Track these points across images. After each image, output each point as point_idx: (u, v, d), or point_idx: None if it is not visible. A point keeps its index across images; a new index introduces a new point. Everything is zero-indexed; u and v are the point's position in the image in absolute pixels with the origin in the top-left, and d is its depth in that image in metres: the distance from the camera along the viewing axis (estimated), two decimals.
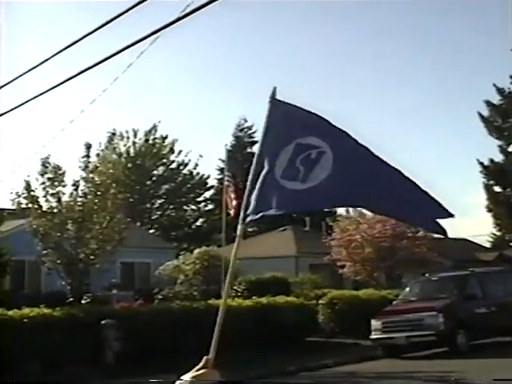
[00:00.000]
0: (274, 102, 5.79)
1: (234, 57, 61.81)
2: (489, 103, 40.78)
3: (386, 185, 5.35)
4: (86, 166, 19.21)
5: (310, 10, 53.46)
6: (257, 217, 5.67)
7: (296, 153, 5.50)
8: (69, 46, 8.12)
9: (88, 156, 19.56)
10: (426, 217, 5.34)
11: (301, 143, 5.54)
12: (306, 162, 5.46)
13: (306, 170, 5.42)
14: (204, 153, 46.68)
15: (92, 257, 17.82)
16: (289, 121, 5.72)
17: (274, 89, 5.91)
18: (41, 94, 9.09)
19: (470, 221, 56.61)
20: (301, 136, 5.56)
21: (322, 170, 5.37)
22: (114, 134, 46.02)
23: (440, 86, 59.29)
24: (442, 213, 5.69)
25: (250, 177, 5.60)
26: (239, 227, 5.59)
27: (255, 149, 5.70)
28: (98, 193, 18.22)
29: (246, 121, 49.76)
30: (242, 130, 49.85)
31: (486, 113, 40.68)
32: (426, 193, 5.41)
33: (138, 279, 28.62)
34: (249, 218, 5.45)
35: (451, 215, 4.82)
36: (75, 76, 8.42)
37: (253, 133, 48.94)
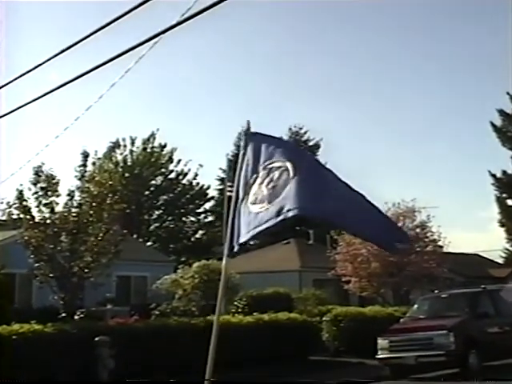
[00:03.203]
0: (249, 135, 6.06)
1: (236, 63, 62.03)
2: (502, 112, 40.64)
3: (351, 206, 5.64)
4: (82, 176, 19.21)
5: (316, 15, 53.73)
6: (235, 250, 5.96)
7: (263, 177, 5.77)
8: (64, 51, 8.12)
9: (85, 165, 19.56)
10: (385, 238, 5.58)
11: (267, 167, 5.84)
12: (269, 183, 5.73)
13: (269, 190, 5.69)
14: (204, 162, 46.68)
15: (86, 270, 17.78)
16: (259, 150, 5.98)
17: (248, 123, 6.16)
18: (34, 99, 9.09)
19: (482, 235, 56.59)
20: (266, 160, 5.88)
21: (283, 186, 5.60)
22: (115, 144, 46.06)
23: (451, 94, 59.39)
24: (402, 238, 5.92)
25: (230, 216, 5.85)
26: (224, 260, 5.90)
27: None
28: (94, 203, 18.21)
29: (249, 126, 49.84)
30: None
31: (498, 122, 40.57)
32: (388, 218, 5.72)
33: (134, 294, 28.57)
34: (224, 251, 5.68)
35: (408, 241, 5.38)
36: (71, 81, 8.42)
37: None
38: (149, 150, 46.82)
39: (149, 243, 44.50)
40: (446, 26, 54.66)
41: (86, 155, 19.86)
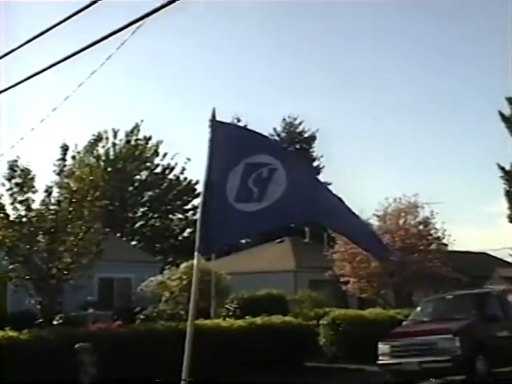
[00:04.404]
0: (215, 123, 5.96)
1: (227, 50, 61.91)
2: (511, 100, 40.58)
3: (337, 207, 5.65)
4: (61, 170, 19.08)
5: (305, 11, 53.75)
6: (217, 247, 5.93)
7: (246, 173, 5.74)
8: (36, 37, 8.00)
9: (64, 159, 19.44)
10: (373, 244, 5.70)
11: (250, 162, 5.77)
12: (258, 181, 5.68)
13: (260, 189, 5.64)
14: (192, 156, 46.36)
15: (65, 272, 17.65)
16: (232, 141, 5.94)
17: (213, 110, 6.02)
18: (6, 88, 8.96)
19: (490, 232, 56.78)
20: (249, 155, 5.82)
21: (277, 187, 5.61)
22: (96, 136, 45.80)
23: (457, 82, 59.47)
24: (381, 249, 5.99)
25: (199, 207, 5.80)
26: (195, 260, 5.85)
27: None
28: (73, 200, 18.09)
29: (239, 120, 49.58)
30: None
31: (507, 112, 40.49)
32: (367, 225, 5.87)
33: (117, 297, 28.48)
34: (197, 251, 5.64)
35: (387, 255, 5.62)
36: (46, 69, 8.31)
37: None
38: (133, 143, 46.67)
39: (133, 242, 44.38)
40: (451, 15, 55.00)
41: (65, 148, 19.72)
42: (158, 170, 47.34)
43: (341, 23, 59.43)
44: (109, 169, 44.07)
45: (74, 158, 41.83)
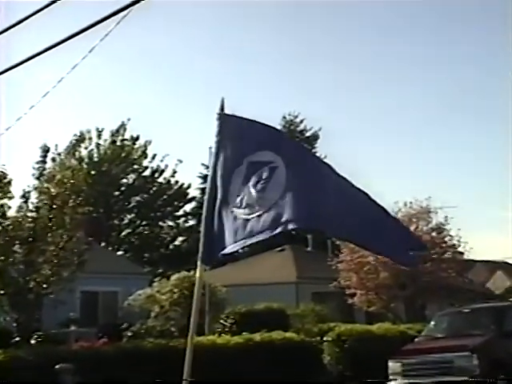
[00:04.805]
0: (223, 117, 5.81)
1: (217, 44, 61.92)
2: None
3: (352, 208, 5.44)
4: (41, 174, 19.09)
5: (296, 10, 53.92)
6: (216, 258, 5.83)
7: (248, 174, 5.62)
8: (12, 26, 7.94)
9: (44, 161, 19.43)
10: (398, 248, 5.41)
11: (252, 161, 5.64)
12: (258, 182, 5.54)
13: (259, 192, 5.51)
14: (184, 157, 46.50)
15: (45, 285, 17.64)
16: (239, 137, 5.79)
17: (222, 101, 5.84)
18: None
19: (510, 239, 56.61)
20: (252, 152, 5.67)
21: (275, 190, 5.46)
22: (79, 137, 45.79)
23: (469, 75, 59.59)
24: (415, 245, 5.75)
25: (203, 212, 5.68)
26: (198, 271, 5.77)
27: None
28: (54, 206, 18.11)
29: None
30: None
31: None
32: (397, 221, 5.50)
33: (102, 312, 28.44)
34: (199, 262, 5.55)
35: (424, 248, 5.14)
36: (24, 62, 8.24)
37: None
38: (118, 144, 46.63)
39: (119, 252, 44.33)
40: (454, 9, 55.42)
41: (45, 150, 19.71)
42: (147, 172, 47.32)
43: (342, 21, 59.77)
44: (92, 172, 44.06)
45: (54, 160, 41.79)
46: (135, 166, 46.94)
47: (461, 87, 60.29)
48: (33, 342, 17.38)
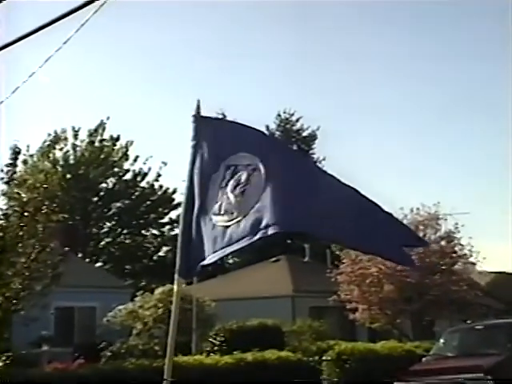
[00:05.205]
0: (199, 119, 5.85)
1: (205, 35, 61.94)
2: None
3: (340, 207, 5.44)
4: (11, 178, 19.01)
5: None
6: (195, 270, 5.85)
7: (226, 178, 5.66)
8: None
9: (14, 164, 19.37)
10: (391, 244, 5.42)
11: (230, 164, 5.69)
12: (237, 187, 5.57)
13: (238, 197, 5.54)
14: (169, 159, 46.41)
15: (15, 301, 17.53)
16: (216, 141, 5.87)
17: (198, 102, 5.88)
18: None
19: None
20: (229, 155, 5.72)
21: (254, 193, 5.48)
22: (53, 137, 45.67)
23: (481, 72, 59.83)
24: (412, 240, 5.75)
25: (180, 222, 5.74)
26: (175, 284, 5.81)
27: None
28: (25, 213, 18.01)
29: (224, 116, 49.67)
30: None
31: None
32: (390, 215, 5.49)
33: (78, 330, 28.33)
34: (176, 275, 5.57)
35: (425, 243, 5.11)
36: None
37: None
38: (97, 145, 46.54)
39: (98, 264, 44.21)
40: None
41: (15, 152, 19.64)
42: (128, 176, 47.24)
43: (342, 18, 60.07)
44: (68, 175, 44.06)
45: (25, 162, 41.80)
46: (115, 169, 46.84)
47: (467, 85, 60.49)
48: (0, 364, 17.24)
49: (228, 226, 5.47)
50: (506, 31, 48.77)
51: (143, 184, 47.54)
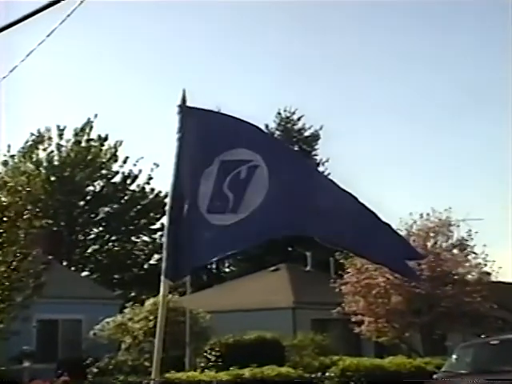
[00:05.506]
0: (185, 110, 5.81)
1: (199, 25, 61.98)
2: None
3: (342, 213, 5.53)
4: None
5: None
6: (186, 272, 5.80)
7: (222, 174, 5.64)
8: None
9: None
10: (394, 256, 5.57)
11: (226, 160, 5.67)
12: (235, 184, 5.58)
13: (237, 196, 5.54)
14: (161, 160, 46.18)
15: None
16: (207, 133, 5.82)
17: (184, 92, 5.85)
18: None
19: None
20: (225, 149, 5.71)
21: (257, 191, 5.51)
22: (36, 136, 45.66)
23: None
24: (411, 253, 5.81)
25: (166, 220, 5.70)
26: (162, 287, 5.78)
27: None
28: (5, 219, 18.01)
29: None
30: None
31: None
32: (389, 226, 5.53)
33: (62, 345, 28.18)
34: (162, 277, 5.54)
35: (421, 257, 5.26)
36: None
37: None
38: (84, 145, 46.48)
39: (84, 273, 44.11)
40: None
41: None
42: (117, 178, 47.19)
43: (344, 18, 60.44)
44: (52, 178, 44.02)
45: (6, 164, 41.79)
46: (103, 171, 46.77)
47: (482, 84, 60.61)
48: None
49: (227, 226, 5.46)
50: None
51: (133, 187, 47.49)
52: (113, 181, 47.06)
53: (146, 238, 48.50)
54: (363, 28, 61.93)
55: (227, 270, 50.97)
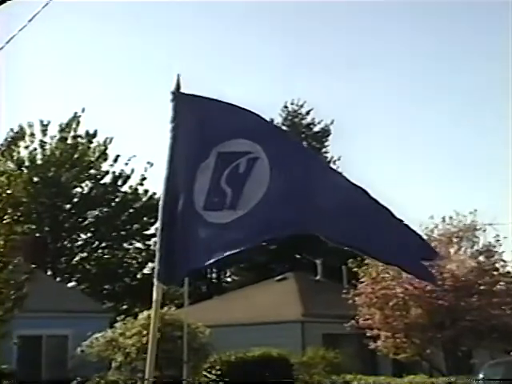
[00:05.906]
0: (179, 97, 5.76)
1: (198, 12, 62.08)
2: None
3: (352, 210, 5.51)
4: None
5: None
6: (182, 276, 5.74)
7: (219, 168, 5.61)
8: None
9: None
10: (411, 256, 5.48)
11: (224, 152, 5.63)
12: (233, 178, 5.55)
13: (235, 191, 5.51)
14: (155, 159, 46.19)
15: None
16: (204, 122, 5.78)
17: (178, 78, 5.80)
18: None
19: None
20: (222, 140, 5.68)
21: (257, 186, 5.49)
22: (17, 133, 45.67)
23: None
24: (428, 252, 5.73)
25: (159, 219, 5.63)
26: (155, 291, 5.72)
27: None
28: None
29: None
30: None
31: None
32: (402, 223, 5.47)
33: (47, 363, 28.20)
34: (155, 281, 5.48)
35: (437, 256, 5.24)
36: None
37: None
38: (70, 142, 46.54)
39: (71, 284, 44.11)
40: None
41: None
42: (107, 179, 47.23)
43: (350, 16, 60.76)
44: (35, 178, 44.00)
45: None
46: (92, 171, 46.83)
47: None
48: None
49: (226, 224, 5.45)
50: None
51: (125, 188, 47.60)
52: (102, 181, 47.16)
53: (139, 245, 48.58)
54: (375, 24, 62.19)
55: (229, 279, 51.01)
